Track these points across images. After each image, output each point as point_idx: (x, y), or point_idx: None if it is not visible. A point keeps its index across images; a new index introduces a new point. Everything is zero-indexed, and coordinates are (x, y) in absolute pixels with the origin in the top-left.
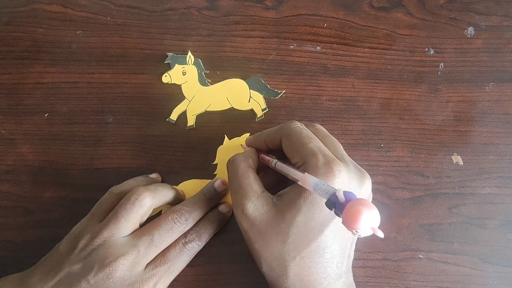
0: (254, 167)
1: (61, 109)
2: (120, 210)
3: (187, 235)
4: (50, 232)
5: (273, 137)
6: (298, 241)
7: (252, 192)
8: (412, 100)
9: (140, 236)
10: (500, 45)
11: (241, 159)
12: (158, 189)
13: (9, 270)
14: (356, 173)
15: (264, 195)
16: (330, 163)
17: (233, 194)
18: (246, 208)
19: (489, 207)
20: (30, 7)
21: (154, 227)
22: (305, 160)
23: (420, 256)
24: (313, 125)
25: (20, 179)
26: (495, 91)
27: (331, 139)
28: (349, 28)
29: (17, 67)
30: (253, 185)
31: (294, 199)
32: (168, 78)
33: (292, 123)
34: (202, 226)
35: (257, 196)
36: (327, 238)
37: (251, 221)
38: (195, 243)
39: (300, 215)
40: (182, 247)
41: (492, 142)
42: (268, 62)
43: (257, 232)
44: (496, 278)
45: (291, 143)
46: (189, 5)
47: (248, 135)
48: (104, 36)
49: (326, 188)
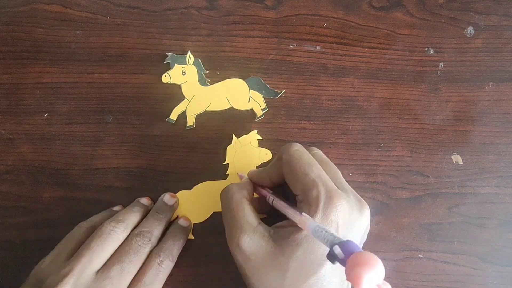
0: (250, 199)
1: (61, 109)
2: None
3: (160, 254)
4: (50, 232)
5: (276, 168)
6: (297, 275)
7: (247, 224)
8: (412, 99)
9: (110, 267)
10: (500, 44)
11: (235, 190)
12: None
13: (9, 270)
14: (356, 204)
15: (260, 228)
16: (332, 195)
17: (226, 226)
18: (241, 242)
19: (489, 206)
20: (29, 7)
21: (121, 254)
22: (307, 191)
23: (420, 256)
24: (311, 149)
25: (20, 179)
26: (495, 91)
27: (330, 165)
28: (349, 28)
29: (16, 67)
30: (248, 217)
31: (294, 233)
32: (167, 78)
33: (292, 146)
34: (170, 243)
35: (252, 229)
36: (327, 271)
37: (246, 256)
38: (169, 260)
39: (300, 250)
40: (158, 268)
41: (492, 142)
42: (268, 62)
43: (253, 267)
44: (496, 277)
45: (292, 171)
46: (188, 5)
47: (256, 132)
48: (103, 36)
49: (324, 235)
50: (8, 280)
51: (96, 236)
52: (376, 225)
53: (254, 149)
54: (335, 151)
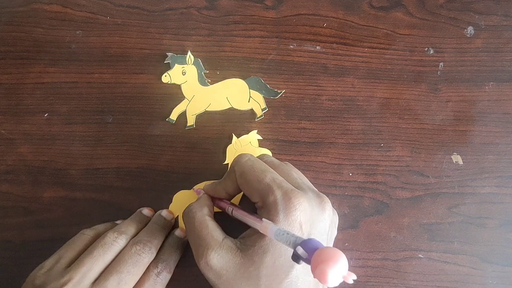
0: (211, 215)
1: (61, 109)
2: (97, 250)
3: (158, 266)
4: (50, 232)
5: (231, 180)
6: (270, 281)
7: (213, 241)
8: (411, 99)
9: (108, 277)
10: (500, 44)
11: (196, 209)
12: (128, 229)
13: (9, 270)
14: (315, 200)
15: (226, 241)
16: (290, 196)
17: (193, 246)
18: (209, 259)
19: (489, 206)
20: (29, 7)
21: (119, 264)
22: (264, 196)
23: (420, 256)
24: (262, 156)
25: (19, 179)
26: (495, 91)
27: (283, 167)
28: (349, 28)
29: (16, 67)
30: (213, 233)
31: (259, 240)
32: (167, 78)
33: (241, 157)
34: (168, 254)
35: (219, 244)
36: (298, 272)
37: (217, 272)
38: (166, 272)
39: (267, 255)
40: (155, 279)
41: (492, 142)
42: (268, 62)
43: (226, 282)
44: (495, 277)
45: (247, 181)
46: (188, 5)
47: (256, 132)
48: (103, 36)
49: (286, 237)
50: (8, 280)
51: (99, 245)
52: (376, 225)
53: (254, 149)
54: (335, 151)
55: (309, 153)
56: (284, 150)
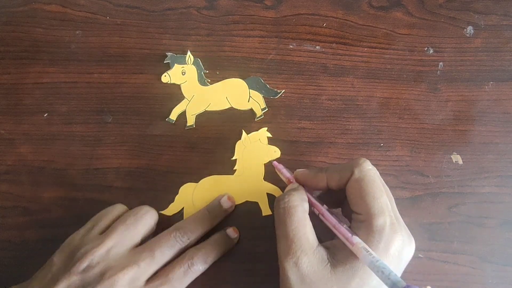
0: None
1: (61, 109)
2: (130, 218)
3: (194, 257)
4: (50, 232)
5: (340, 176)
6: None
7: (308, 244)
8: (411, 99)
9: (141, 253)
10: (499, 44)
11: (298, 202)
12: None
13: (9, 270)
14: (407, 239)
15: (320, 250)
16: (395, 228)
17: (284, 240)
18: (300, 262)
19: (488, 206)
20: (29, 6)
21: (155, 243)
22: (372, 216)
23: (419, 255)
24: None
25: (19, 179)
26: (495, 90)
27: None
28: (349, 28)
29: (16, 67)
30: (309, 236)
31: (350, 260)
32: (167, 78)
33: (367, 163)
34: (209, 249)
35: (313, 251)
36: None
37: (302, 276)
38: (201, 266)
39: (355, 280)
40: (187, 269)
41: (492, 141)
42: (268, 61)
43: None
44: (495, 277)
45: (362, 190)
46: (188, 5)
47: (266, 129)
48: (103, 36)
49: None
50: (8, 280)
51: (132, 214)
52: None
53: (263, 146)
54: (335, 150)
55: (309, 153)
56: (284, 150)
